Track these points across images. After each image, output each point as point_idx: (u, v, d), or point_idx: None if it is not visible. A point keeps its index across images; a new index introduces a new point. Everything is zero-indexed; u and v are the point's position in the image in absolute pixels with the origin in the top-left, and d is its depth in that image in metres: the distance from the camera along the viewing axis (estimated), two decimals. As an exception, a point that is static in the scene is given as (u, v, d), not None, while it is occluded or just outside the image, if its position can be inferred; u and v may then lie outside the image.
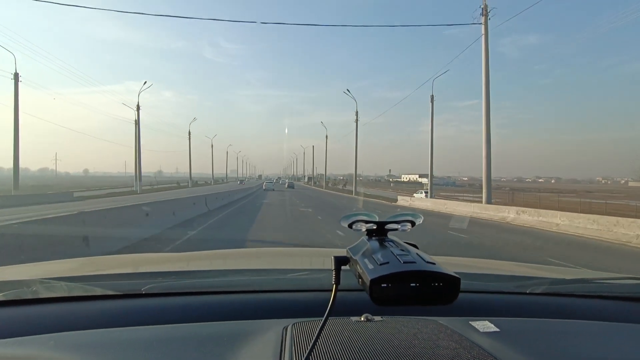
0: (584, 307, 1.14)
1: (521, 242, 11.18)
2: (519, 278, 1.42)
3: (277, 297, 1.10)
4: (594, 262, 8.57)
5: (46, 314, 0.98)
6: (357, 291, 0.96)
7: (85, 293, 1.06)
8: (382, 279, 0.54)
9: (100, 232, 7.32)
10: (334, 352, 0.72)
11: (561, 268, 1.94)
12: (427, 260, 0.57)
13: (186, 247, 8.22)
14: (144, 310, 1.01)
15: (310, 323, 0.87)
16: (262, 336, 0.82)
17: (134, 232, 8.93)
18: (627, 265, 8.60)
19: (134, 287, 1.09)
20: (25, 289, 1.06)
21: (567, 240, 11.90)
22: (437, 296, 0.55)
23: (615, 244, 11.33)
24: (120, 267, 1.69)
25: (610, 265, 8.29)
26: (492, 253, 8.71)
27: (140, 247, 7.89)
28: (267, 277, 1.40)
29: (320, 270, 1.36)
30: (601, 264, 8.31)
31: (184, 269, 1.64)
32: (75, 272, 1.46)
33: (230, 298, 1.09)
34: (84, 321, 0.94)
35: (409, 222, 0.68)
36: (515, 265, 2.08)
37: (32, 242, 5.69)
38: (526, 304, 1.15)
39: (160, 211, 11.81)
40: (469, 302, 1.09)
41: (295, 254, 2.36)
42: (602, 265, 8.25)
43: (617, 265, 8.38)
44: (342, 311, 0.87)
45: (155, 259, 2.19)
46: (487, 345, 0.79)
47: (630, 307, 1.16)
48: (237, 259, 2.07)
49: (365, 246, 0.64)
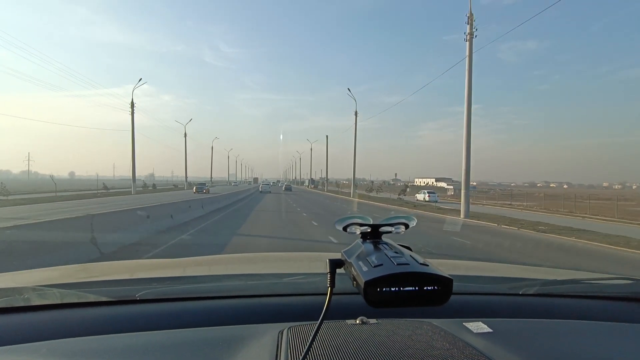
0: (576, 307, 1.15)
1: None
2: (512, 280, 1.44)
3: (272, 302, 1.11)
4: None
5: (39, 322, 0.97)
6: (352, 294, 0.97)
7: (79, 300, 1.05)
8: (377, 280, 0.54)
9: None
10: (329, 355, 0.72)
11: (553, 269, 1.96)
12: (421, 262, 0.58)
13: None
14: (139, 316, 1.01)
15: (305, 327, 0.87)
16: (258, 340, 0.82)
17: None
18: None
19: (128, 294, 1.09)
20: (17, 297, 1.05)
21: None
22: (431, 297, 0.56)
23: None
24: (113, 273, 1.68)
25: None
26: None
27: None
28: (262, 282, 1.40)
29: (316, 274, 1.36)
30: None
31: (178, 275, 1.63)
32: (68, 279, 1.45)
33: (225, 303, 1.09)
34: (77, 328, 0.93)
35: (402, 225, 0.69)
36: (509, 267, 2.10)
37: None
38: (519, 304, 1.16)
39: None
40: (462, 303, 1.10)
41: (290, 258, 2.36)
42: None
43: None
44: (338, 314, 0.88)
45: (150, 265, 2.18)
46: (481, 345, 0.79)
47: (620, 306, 1.18)
48: (232, 264, 2.06)
49: (360, 249, 0.64)
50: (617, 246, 11.52)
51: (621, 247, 11.38)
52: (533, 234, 14.25)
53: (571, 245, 12.08)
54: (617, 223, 20.73)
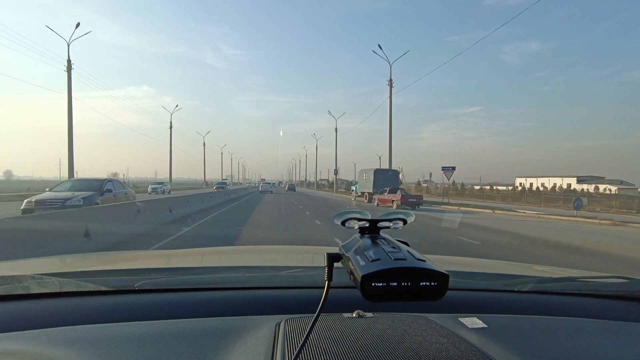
0: (570, 305, 1.16)
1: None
2: (508, 276, 1.45)
3: (270, 294, 1.11)
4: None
5: (38, 310, 0.98)
6: (349, 288, 0.97)
7: (78, 289, 1.06)
8: (374, 275, 0.55)
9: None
10: (325, 347, 0.73)
11: (549, 267, 1.97)
12: (418, 257, 0.58)
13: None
14: (137, 306, 1.01)
15: (302, 319, 0.88)
16: (255, 332, 0.83)
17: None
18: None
19: (126, 283, 1.09)
20: (17, 285, 1.06)
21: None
22: (427, 292, 0.57)
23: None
24: (112, 263, 1.69)
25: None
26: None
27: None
28: (260, 274, 1.40)
29: (313, 268, 1.37)
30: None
31: (177, 266, 1.64)
32: (67, 268, 1.46)
33: (223, 294, 1.10)
34: (76, 317, 0.94)
35: (400, 220, 0.70)
36: (505, 264, 2.11)
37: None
38: (514, 301, 1.17)
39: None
40: (458, 299, 1.11)
41: (288, 251, 2.37)
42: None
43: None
44: (335, 307, 0.89)
45: (149, 255, 2.19)
46: (475, 340, 0.80)
47: (615, 305, 1.19)
48: (230, 256, 2.07)
49: (358, 243, 0.65)
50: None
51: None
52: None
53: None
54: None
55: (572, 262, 7.43)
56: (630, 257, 8.81)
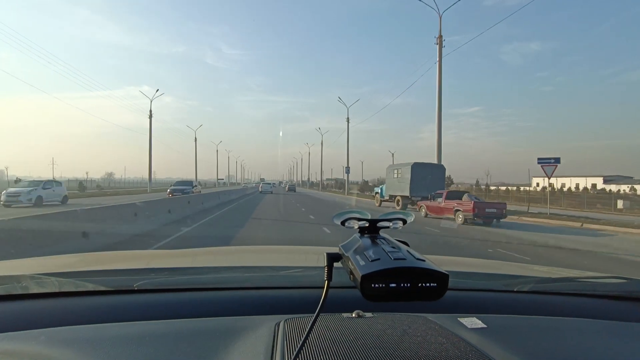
0: (569, 305, 1.16)
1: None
2: (507, 277, 1.45)
3: (269, 294, 1.11)
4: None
5: (37, 309, 0.97)
6: (349, 288, 0.97)
7: (77, 289, 1.06)
8: (373, 275, 0.55)
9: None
10: (324, 347, 0.73)
11: (548, 267, 1.98)
12: (417, 257, 0.58)
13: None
14: (136, 306, 1.01)
15: (302, 319, 0.88)
16: (255, 332, 0.83)
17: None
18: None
19: (126, 283, 1.09)
20: (16, 284, 1.05)
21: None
22: (426, 292, 0.57)
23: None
24: (112, 263, 1.68)
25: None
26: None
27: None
28: (259, 274, 1.40)
29: (313, 268, 1.36)
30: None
31: (176, 266, 1.64)
32: (66, 268, 1.45)
33: (222, 294, 1.10)
34: (75, 317, 0.93)
35: (400, 220, 0.70)
36: (504, 265, 2.12)
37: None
38: (513, 301, 1.17)
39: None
40: (457, 299, 1.11)
41: (288, 252, 2.37)
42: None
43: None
44: (334, 307, 0.89)
45: (148, 255, 2.19)
46: (475, 340, 0.80)
47: (614, 305, 1.19)
48: (230, 256, 2.07)
49: (357, 243, 0.65)
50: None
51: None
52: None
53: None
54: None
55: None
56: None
